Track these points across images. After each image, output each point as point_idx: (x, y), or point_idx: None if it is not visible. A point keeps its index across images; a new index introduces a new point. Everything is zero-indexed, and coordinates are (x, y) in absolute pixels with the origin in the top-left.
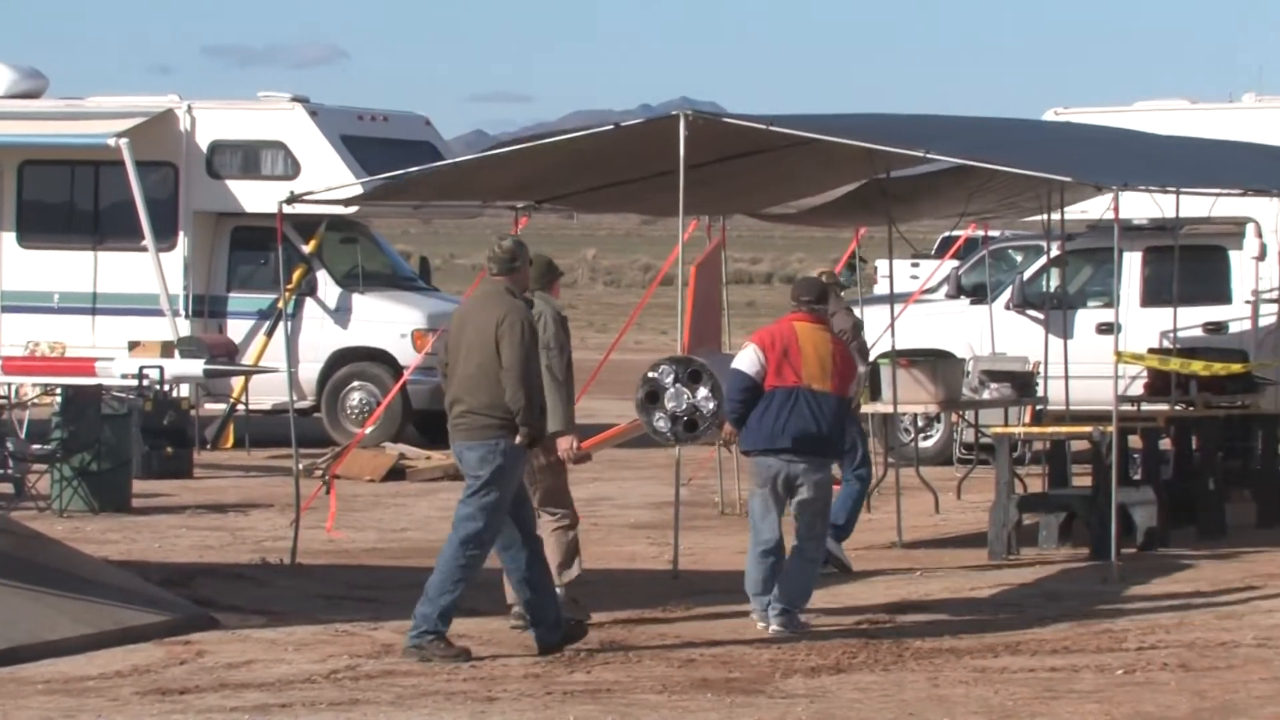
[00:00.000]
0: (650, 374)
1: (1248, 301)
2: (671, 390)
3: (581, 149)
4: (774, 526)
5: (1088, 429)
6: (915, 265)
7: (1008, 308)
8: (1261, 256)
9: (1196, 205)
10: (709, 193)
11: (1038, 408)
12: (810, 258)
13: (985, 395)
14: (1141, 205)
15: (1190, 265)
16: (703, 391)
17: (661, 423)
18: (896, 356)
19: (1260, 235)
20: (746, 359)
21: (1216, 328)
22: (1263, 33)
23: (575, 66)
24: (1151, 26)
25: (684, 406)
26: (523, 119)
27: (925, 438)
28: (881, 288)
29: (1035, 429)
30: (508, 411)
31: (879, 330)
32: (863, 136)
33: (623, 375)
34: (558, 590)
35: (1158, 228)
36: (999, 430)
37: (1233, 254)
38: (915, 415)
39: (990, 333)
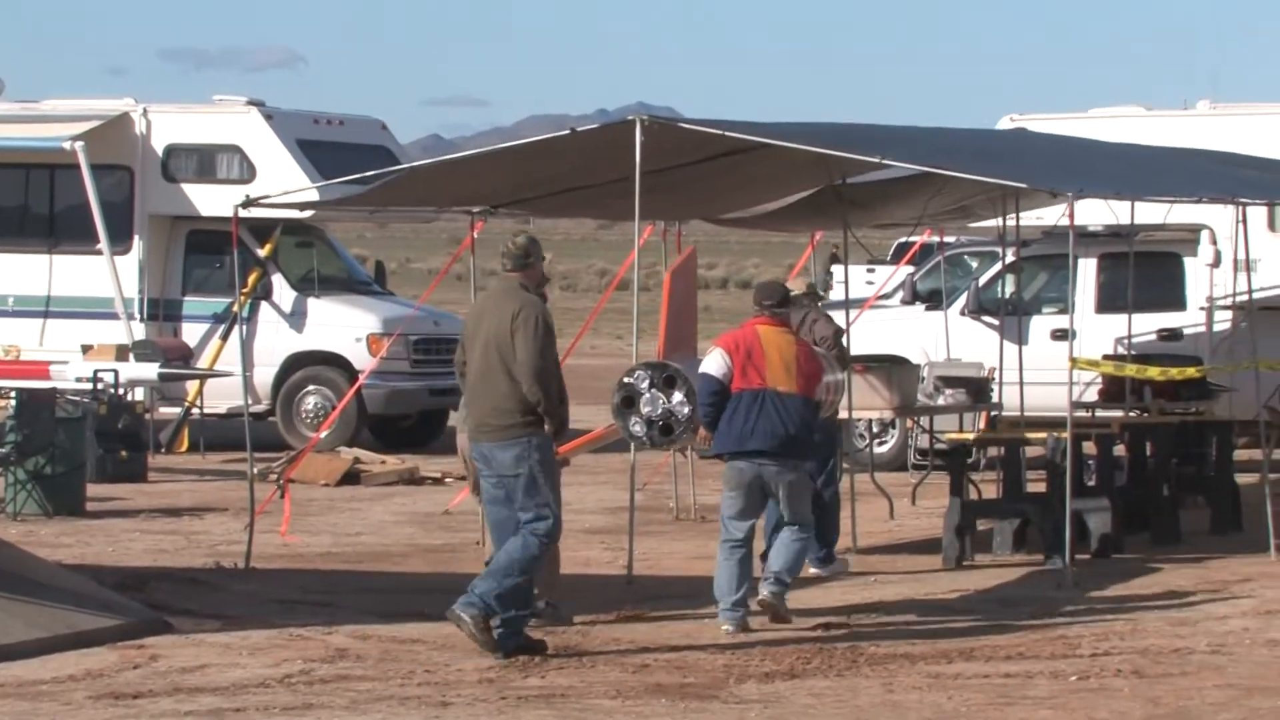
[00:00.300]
0: (626, 379)
1: (1202, 308)
2: (647, 395)
3: (538, 154)
4: (743, 526)
5: (1042, 435)
6: (871, 271)
7: (963, 314)
8: (1216, 263)
9: (1152, 212)
10: (665, 198)
11: (993, 414)
12: (766, 263)
13: (940, 401)
14: (1097, 212)
15: (1145, 272)
16: (678, 396)
17: (638, 427)
18: (852, 362)
19: (1215, 242)
20: (713, 363)
21: (1171, 334)
22: (1218, 40)
23: (532, 71)
24: (1107, 33)
25: (659, 411)
26: (479, 123)
27: (880, 443)
28: (837, 293)
29: (990, 435)
30: (531, 406)
31: None
32: (818, 142)
33: (578, 380)
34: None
35: (1113, 234)
36: (954, 436)
37: (1187, 261)
38: (870, 421)
39: (945, 338)
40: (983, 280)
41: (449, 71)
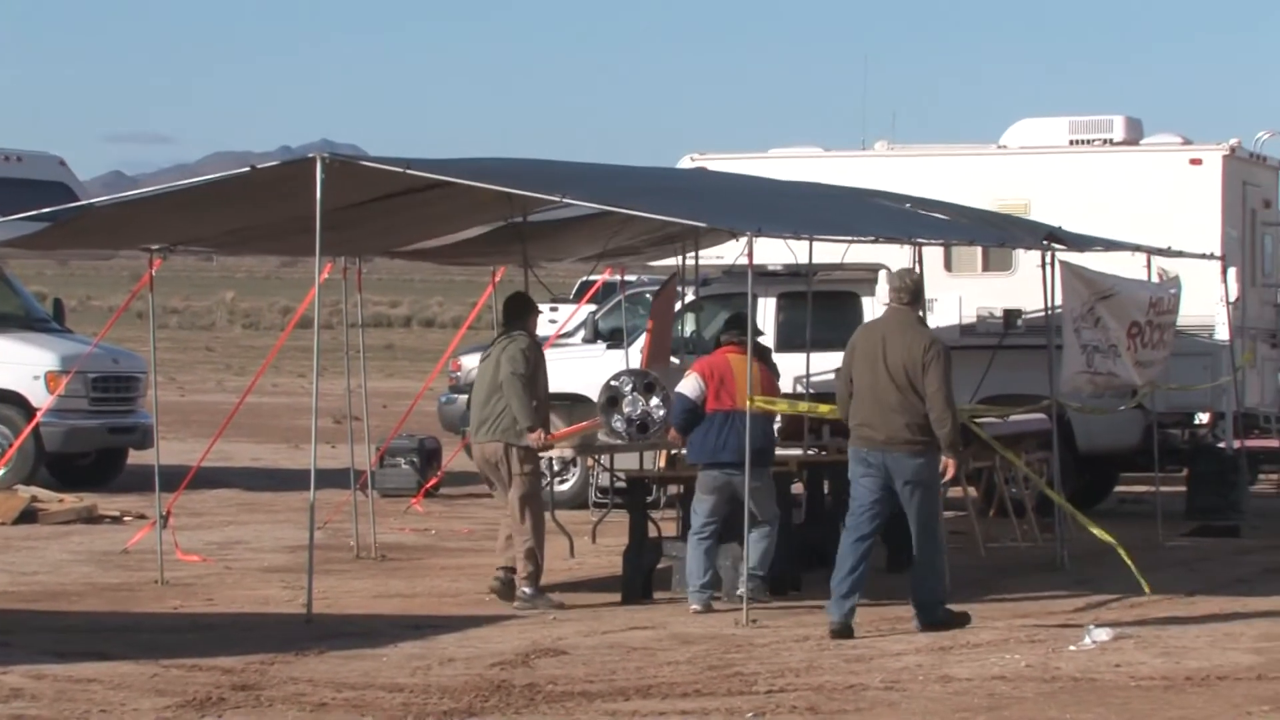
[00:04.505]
0: (613, 382)
1: None
2: (629, 397)
3: (219, 191)
4: (710, 526)
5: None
6: (554, 309)
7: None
8: None
9: (830, 251)
10: (348, 235)
11: (672, 452)
12: (449, 300)
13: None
14: (776, 251)
15: (824, 311)
16: (655, 400)
17: (619, 424)
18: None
19: None
20: (688, 385)
21: None
22: (895, 82)
23: (216, 107)
24: (787, 74)
25: (639, 412)
26: (162, 160)
27: (561, 481)
28: None
29: (670, 473)
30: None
31: None
32: (501, 180)
33: (259, 418)
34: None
35: (792, 274)
36: (634, 474)
37: (865, 300)
38: (551, 459)
39: None
40: None
41: (132, 107)
